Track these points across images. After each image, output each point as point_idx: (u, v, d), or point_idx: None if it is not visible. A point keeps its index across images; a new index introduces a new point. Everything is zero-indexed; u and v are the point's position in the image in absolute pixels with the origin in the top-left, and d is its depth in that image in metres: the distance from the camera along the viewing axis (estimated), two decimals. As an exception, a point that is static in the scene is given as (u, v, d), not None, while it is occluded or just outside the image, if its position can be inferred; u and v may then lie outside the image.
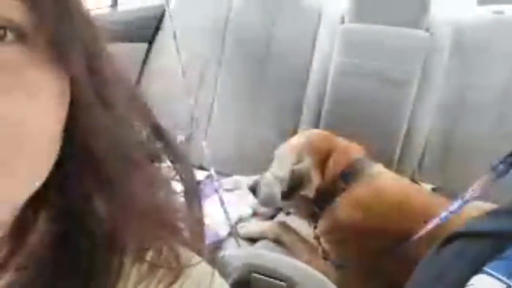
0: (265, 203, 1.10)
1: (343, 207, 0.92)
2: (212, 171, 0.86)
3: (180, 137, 1.55)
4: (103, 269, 0.26)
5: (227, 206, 1.32)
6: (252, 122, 1.48)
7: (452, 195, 1.15)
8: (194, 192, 0.54)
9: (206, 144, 0.88)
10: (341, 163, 0.96)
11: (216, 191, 0.85)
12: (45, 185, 0.25)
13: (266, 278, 0.48)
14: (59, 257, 0.25)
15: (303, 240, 1.01)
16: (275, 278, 0.48)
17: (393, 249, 0.80)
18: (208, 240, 1.12)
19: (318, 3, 1.45)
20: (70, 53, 0.22)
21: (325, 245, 0.95)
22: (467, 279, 0.33)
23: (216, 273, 0.34)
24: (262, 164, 1.45)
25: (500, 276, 0.32)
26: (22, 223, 0.25)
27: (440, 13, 1.32)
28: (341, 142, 1.02)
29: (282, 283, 0.48)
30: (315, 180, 0.96)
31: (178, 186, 0.54)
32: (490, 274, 0.33)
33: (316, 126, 1.37)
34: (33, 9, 0.20)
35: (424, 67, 1.26)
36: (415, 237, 0.75)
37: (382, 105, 1.28)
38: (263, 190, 1.07)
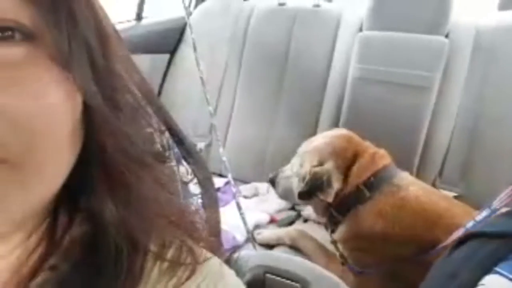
0: (282, 196, 1.10)
1: (366, 216, 0.89)
2: (230, 177, 0.87)
3: (200, 145, 1.59)
4: (128, 269, 0.27)
5: (245, 212, 1.33)
6: (271, 129, 1.49)
7: (474, 203, 1.14)
8: (211, 193, 0.56)
9: (223, 151, 0.90)
10: (366, 171, 0.93)
11: (234, 196, 0.86)
12: (74, 189, 0.26)
13: (280, 279, 0.49)
14: (88, 258, 0.27)
15: (320, 246, 1.00)
16: (289, 279, 0.49)
17: (416, 258, 0.79)
18: (225, 245, 1.14)
19: (337, 11, 1.46)
20: (73, 57, 0.22)
21: (344, 252, 0.94)
22: (479, 279, 0.34)
23: (233, 273, 0.35)
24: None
25: (510, 275, 0.32)
26: (56, 226, 0.27)
27: (460, 18, 1.31)
28: (368, 147, 0.98)
29: (296, 284, 0.48)
30: (336, 185, 0.93)
31: (197, 189, 0.56)
32: (502, 274, 0.33)
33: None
34: (39, 12, 0.21)
35: (445, 73, 1.24)
36: (440, 246, 0.74)
37: (402, 111, 1.27)
38: (281, 184, 1.08)
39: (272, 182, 1.11)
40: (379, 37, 1.32)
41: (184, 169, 0.52)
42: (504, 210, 0.71)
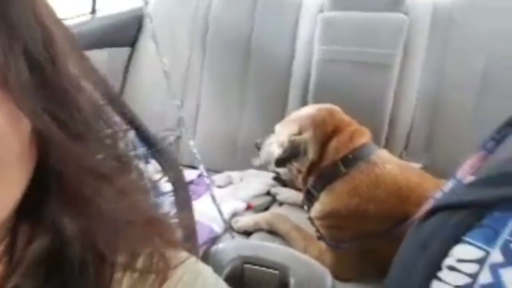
0: (264, 161, 1.13)
1: (342, 193, 0.91)
2: (202, 169, 0.86)
3: (169, 138, 1.56)
4: (95, 283, 0.26)
5: (220, 202, 1.33)
6: (240, 116, 1.48)
7: (439, 172, 1.18)
8: (182, 190, 0.55)
9: (194, 143, 0.88)
10: (344, 148, 0.93)
11: (208, 188, 0.85)
12: (33, 204, 0.25)
13: (259, 268, 0.49)
14: (51, 275, 0.26)
15: (297, 228, 1.01)
16: (268, 267, 0.49)
17: (389, 232, 0.81)
18: (203, 237, 1.13)
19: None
20: (11, 73, 0.20)
21: (320, 228, 0.96)
22: (449, 249, 0.35)
23: (210, 270, 0.34)
24: (251, 158, 1.47)
25: (479, 244, 0.34)
26: (16, 244, 0.26)
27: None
28: (349, 124, 0.99)
29: (275, 271, 0.49)
30: (311, 155, 0.94)
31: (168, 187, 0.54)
32: (470, 243, 0.34)
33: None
34: None
35: (405, 50, 1.27)
36: (411, 219, 0.76)
37: (367, 89, 1.30)
38: (264, 150, 1.11)
39: (258, 147, 1.14)
40: (340, 17, 1.33)
41: (152, 168, 0.51)
42: (468, 179, 0.75)
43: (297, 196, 1.25)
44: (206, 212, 1.11)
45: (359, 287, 0.87)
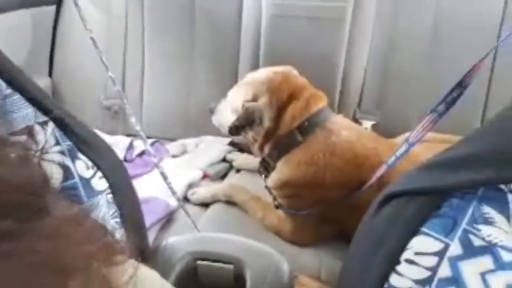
0: (219, 126, 1.08)
1: (298, 162, 0.88)
2: (148, 146, 0.80)
3: (114, 107, 1.45)
4: None
5: (176, 172, 1.28)
6: (189, 82, 1.40)
7: (390, 129, 1.20)
8: (122, 182, 0.49)
9: (137, 121, 0.80)
10: (301, 115, 0.89)
11: (156, 166, 0.79)
12: None
13: (213, 263, 0.46)
14: None
15: (255, 199, 1.00)
16: (222, 262, 0.46)
17: (346, 200, 0.81)
18: (159, 213, 1.07)
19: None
20: None
21: (278, 197, 0.95)
22: (407, 242, 0.33)
23: (156, 278, 0.33)
24: (206, 124, 1.40)
25: (437, 235, 0.32)
26: None
27: None
28: (305, 88, 0.94)
29: (229, 265, 0.46)
30: (266, 124, 0.90)
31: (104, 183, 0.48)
32: (428, 234, 0.33)
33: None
34: None
35: (356, 3, 1.22)
36: (365, 186, 0.76)
37: (319, 45, 1.25)
38: (218, 114, 1.06)
39: (211, 112, 1.09)
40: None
41: (82, 164, 0.44)
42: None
43: (255, 162, 1.23)
44: (161, 186, 1.06)
45: (317, 254, 0.88)
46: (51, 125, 0.43)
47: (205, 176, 1.24)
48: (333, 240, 0.90)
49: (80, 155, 0.44)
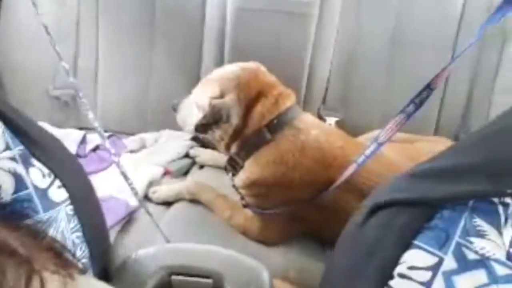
0: (182, 125, 1.03)
1: (267, 161, 0.86)
2: (107, 143, 0.73)
3: (64, 97, 1.34)
4: None
5: (135, 169, 1.21)
6: (149, 74, 1.32)
7: (354, 126, 1.22)
8: (82, 191, 0.44)
9: (93, 116, 0.73)
10: (269, 113, 0.87)
11: (117, 165, 0.73)
12: None
13: (189, 278, 0.43)
14: None
15: (222, 197, 0.97)
16: (199, 276, 0.43)
17: (314, 200, 0.81)
18: (120, 214, 1.01)
19: None
20: None
21: (245, 197, 0.93)
22: (399, 256, 0.32)
23: None
24: (166, 118, 1.34)
25: (430, 249, 0.31)
26: None
27: None
28: (274, 86, 0.91)
29: (208, 280, 0.43)
30: (234, 121, 0.87)
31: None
32: (421, 248, 0.32)
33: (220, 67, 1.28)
34: None
35: (322, 0, 1.22)
36: (333, 186, 0.76)
37: (285, 40, 1.23)
38: (182, 111, 1.01)
39: (174, 109, 1.03)
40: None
41: (37, 172, 0.39)
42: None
43: (219, 158, 1.19)
44: (119, 185, 0.99)
45: (285, 253, 0.87)
46: (0, 127, 0.37)
47: (166, 173, 1.18)
48: (301, 238, 0.89)
49: (34, 161, 0.39)
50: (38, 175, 0.38)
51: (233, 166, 0.92)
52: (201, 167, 1.22)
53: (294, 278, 0.80)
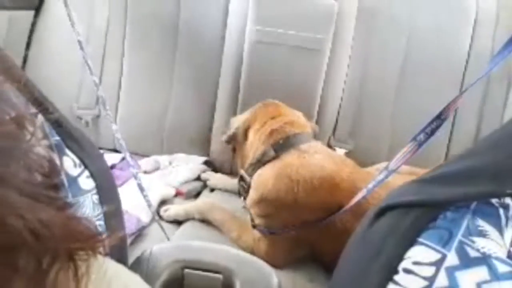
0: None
1: (270, 177, 0.89)
2: (128, 156, 0.77)
3: (86, 118, 1.40)
4: None
5: (147, 189, 1.23)
6: (167, 98, 1.38)
7: (362, 157, 1.24)
8: (107, 185, 0.47)
9: (117, 128, 0.78)
10: (277, 134, 0.93)
11: (135, 177, 0.76)
12: None
13: (201, 272, 0.45)
14: None
15: (231, 217, 0.98)
16: (210, 271, 0.45)
17: (321, 222, 0.82)
18: (131, 228, 1.03)
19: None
20: None
21: (254, 217, 0.94)
22: (404, 252, 0.34)
23: (138, 282, 0.33)
24: (180, 141, 1.39)
25: (434, 246, 0.33)
26: None
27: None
28: (287, 114, 1.01)
29: (218, 275, 0.44)
30: (241, 141, 0.99)
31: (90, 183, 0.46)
32: (425, 245, 0.33)
33: (235, 98, 1.34)
34: None
35: (335, 36, 1.28)
36: (342, 210, 0.77)
37: (298, 74, 1.29)
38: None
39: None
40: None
41: (70, 161, 0.42)
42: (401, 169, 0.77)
43: (229, 182, 1.22)
44: (132, 201, 1.02)
45: (291, 276, 0.87)
46: (40, 118, 0.41)
47: (177, 194, 1.21)
48: (307, 262, 0.89)
49: (67, 151, 0.42)
50: (70, 164, 0.42)
51: (242, 185, 0.95)
52: (212, 190, 1.25)
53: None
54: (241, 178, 0.97)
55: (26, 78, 0.43)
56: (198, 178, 1.28)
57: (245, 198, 0.95)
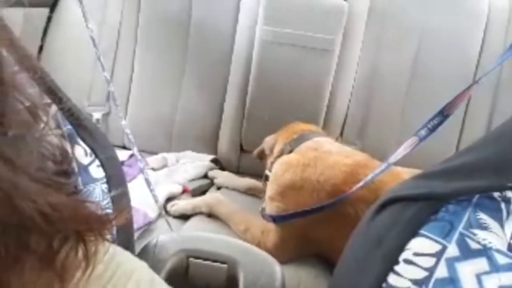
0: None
1: (285, 166, 0.95)
2: (135, 151, 0.78)
3: (96, 115, 1.42)
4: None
5: (155, 186, 1.25)
6: (177, 96, 1.40)
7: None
8: (117, 175, 0.49)
9: (126, 123, 0.79)
10: (292, 133, 1.04)
11: (142, 171, 0.78)
12: None
13: (206, 261, 0.45)
14: None
15: (238, 211, 0.99)
16: (215, 261, 0.46)
17: (323, 206, 0.83)
18: (138, 223, 1.05)
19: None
20: None
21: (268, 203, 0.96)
22: (405, 243, 0.34)
23: (144, 266, 0.33)
24: (189, 139, 1.40)
25: (435, 237, 0.33)
26: None
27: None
28: (308, 127, 1.11)
29: (223, 265, 0.45)
30: (268, 152, 1.07)
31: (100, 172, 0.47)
32: (426, 236, 0.34)
33: (243, 98, 1.35)
34: None
35: (345, 36, 1.29)
36: (343, 195, 0.78)
37: (307, 74, 1.29)
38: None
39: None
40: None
41: (81, 150, 0.43)
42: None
43: (236, 181, 1.23)
44: (140, 196, 1.03)
45: (297, 271, 0.87)
46: (53, 108, 0.43)
47: (184, 191, 1.22)
48: (313, 258, 0.90)
49: (79, 140, 0.44)
50: (81, 152, 0.43)
51: (266, 183, 1.02)
52: (219, 188, 1.25)
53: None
54: (266, 178, 1.02)
55: (41, 69, 0.44)
56: (205, 176, 1.29)
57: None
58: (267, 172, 1.04)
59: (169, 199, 1.15)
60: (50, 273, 0.27)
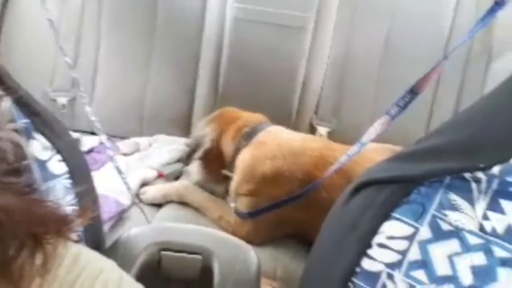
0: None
1: (246, 160, 0.93)
2: (104, 139, 0.75)
3: (61, 100, 1.35)
4: None
5: (127, 171, 1.22)
6: (146, 78, 1.35)
7: (345, 136, 1.25)
8: (80, 169, 0.46)
9: (92, 110, 0.76)
10: (243, 128, 0.99)
11: (111, 160, 0.75)
12: None
13: (179, 254, 0.44)
14: None
15: (211, 199, 0.98)
16: (188, 252, 0.44)
17: (299, 196, 0.83)
18: (110, 212, 1.02)
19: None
20: None
21: (238, 202, 0.95)
22: (378, 227, 0.34)
23: (113, 267, 0.32)
24: (161, 122, 1.37)
25: (407, 220, 0.33)
26: None
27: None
28: (248, 114, 1.06)
29: (197, 256, 0.44)
30: (207, 143, 1.01)
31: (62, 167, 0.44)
32: (398, 219, 0.34)
33: (216, 78, 1.32)
34: None
35: (318, 14, 1.26)
36: (316, 181, 0.78)
37: (281, 52, 1.27)
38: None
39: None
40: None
41: (38, 144, 0.40)
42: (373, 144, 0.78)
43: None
44: (111, 184, 1.00)
45: (274, 254, 0.88)
46: (8, 101, 0.39)
47: (159, 176, 1.19)
48: (288, 239, 0.91)
49: (36, 135, 0.41)
50: (38, 147, 0.40)
51: (226, 182, 0.98)
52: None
53: (281, 277, 0.81)
54: (226, 177, 0.98)
55: None
56: (179, 160, 1.27)
57: (227, 192, 0.97)
58: (225, 172, 1.00)
59: (144, 184, 1.12)
60: (5, 281, 0.26)
